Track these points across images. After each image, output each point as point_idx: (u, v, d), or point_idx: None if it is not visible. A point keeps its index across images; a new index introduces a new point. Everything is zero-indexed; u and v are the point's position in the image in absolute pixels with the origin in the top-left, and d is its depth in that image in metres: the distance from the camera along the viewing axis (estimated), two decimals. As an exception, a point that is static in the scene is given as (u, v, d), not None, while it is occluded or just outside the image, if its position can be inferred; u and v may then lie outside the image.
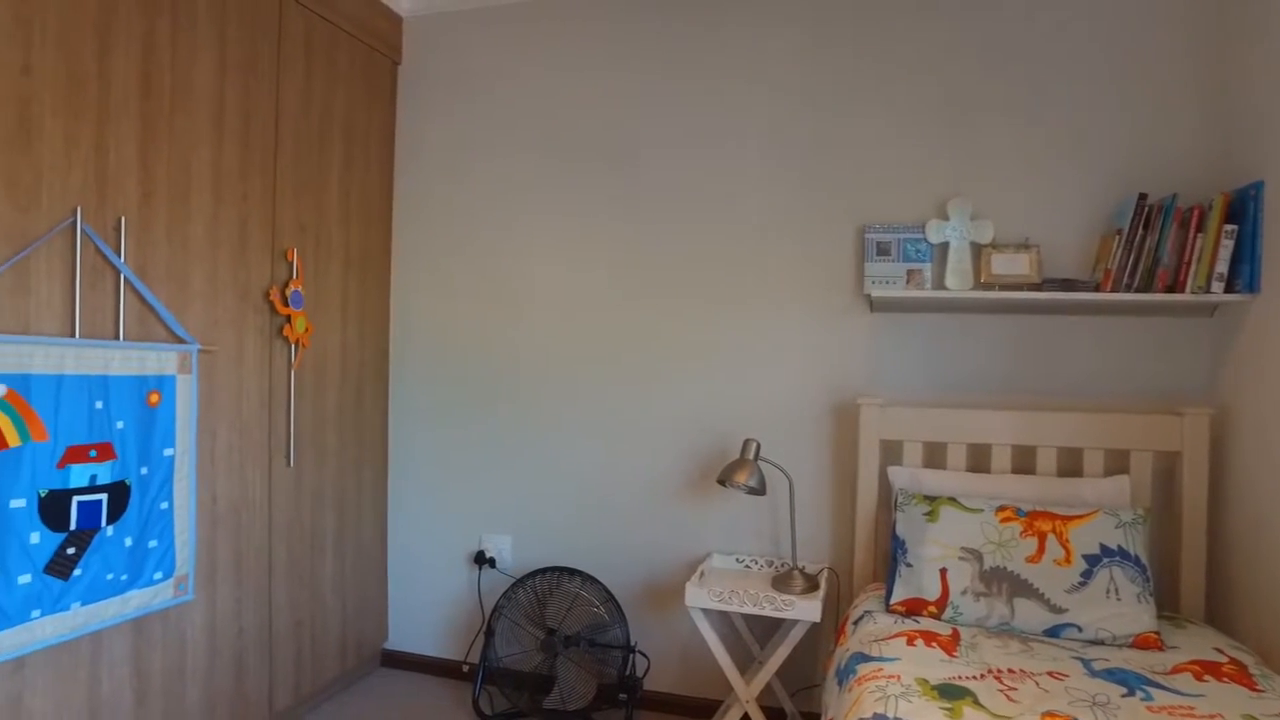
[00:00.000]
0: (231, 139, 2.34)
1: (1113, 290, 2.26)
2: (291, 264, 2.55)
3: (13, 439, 1.74)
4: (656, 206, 2.85)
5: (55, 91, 1.85)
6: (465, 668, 3.05)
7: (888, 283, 2.54)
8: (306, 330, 2.55)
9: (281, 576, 2.59)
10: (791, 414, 2.72)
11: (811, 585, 2.45)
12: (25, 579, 1.78)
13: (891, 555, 2.26)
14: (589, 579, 2.74)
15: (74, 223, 1.89)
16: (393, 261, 3.14)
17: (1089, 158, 2.46)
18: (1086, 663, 1.83)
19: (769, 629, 2.68)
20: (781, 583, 2.45)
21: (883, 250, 2.57)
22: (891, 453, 2.56)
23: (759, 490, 2.46)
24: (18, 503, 1.76)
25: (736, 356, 2.77)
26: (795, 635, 2.35)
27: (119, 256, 2.00)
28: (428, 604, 3.13)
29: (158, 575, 2.10)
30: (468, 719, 2.76)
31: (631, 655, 2.70)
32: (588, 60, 2.94)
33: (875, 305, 2.57)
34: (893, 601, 2.17)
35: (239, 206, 2.37)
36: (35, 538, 1.80)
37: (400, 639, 3.17)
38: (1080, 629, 2.00)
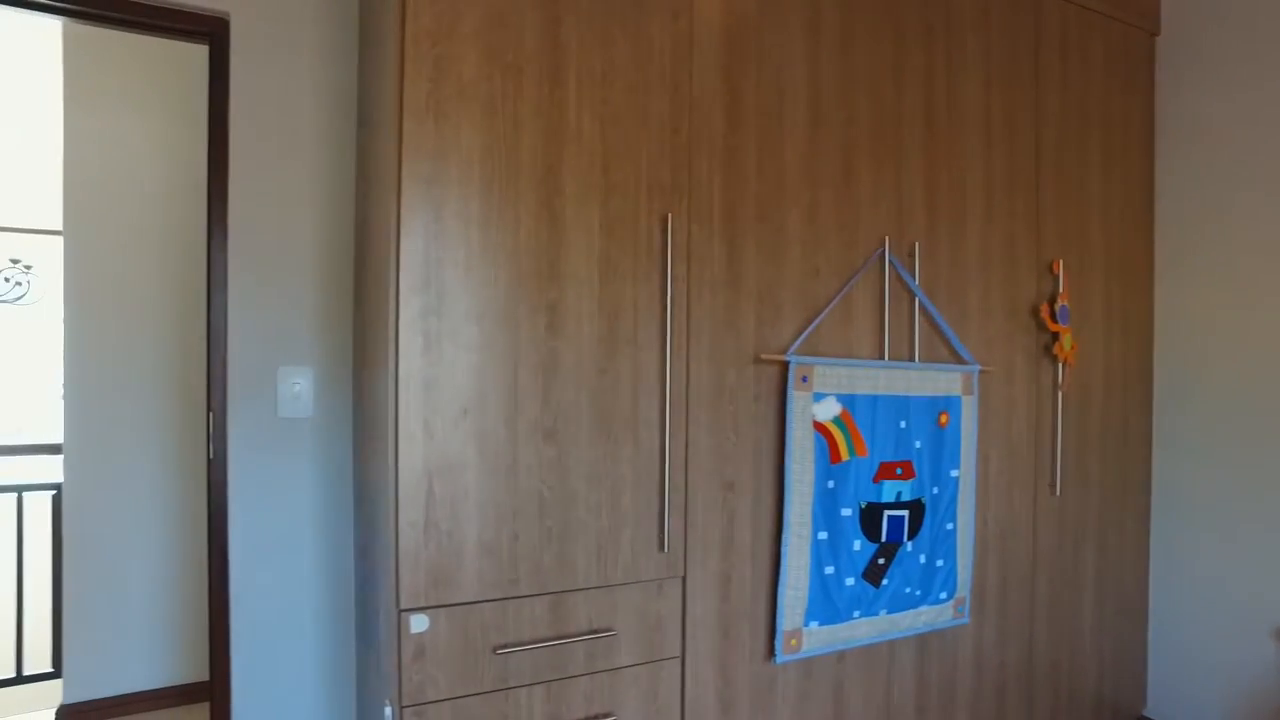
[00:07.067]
0: (998, 154, 2.28)
1: None
2: (1057, 277, 2.38)
3: (844, 454, 1.92)
4: None
5: (865, 136, 2.02)
6: (1263, 766, 2.43)
7: None
8: (1072, 348, 2.34)
9: (1042, 611, 2.41)
10: None
11: None
12: (850, 581, 1.95)
13: None
14: None
15: (882, 253, 2.03)
16: (1156, 266, 2.72)
17: None
18: None
19: None
20: None
21: None
22: None
23: None
24: (846, 511, 1.93)
25: None
26: None
27: (914, 281, 2.09)
28: (1203, 675, 2.59)
29: (943, 595, 2.13)
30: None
31: None
32: None
33: None
34: None
35: (1006, 222, 2.30)
36: (857, 545, 1.96)
37: (1162, 709, 2.70)
38: None
